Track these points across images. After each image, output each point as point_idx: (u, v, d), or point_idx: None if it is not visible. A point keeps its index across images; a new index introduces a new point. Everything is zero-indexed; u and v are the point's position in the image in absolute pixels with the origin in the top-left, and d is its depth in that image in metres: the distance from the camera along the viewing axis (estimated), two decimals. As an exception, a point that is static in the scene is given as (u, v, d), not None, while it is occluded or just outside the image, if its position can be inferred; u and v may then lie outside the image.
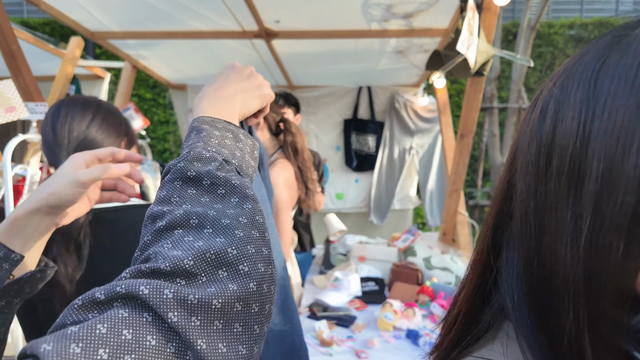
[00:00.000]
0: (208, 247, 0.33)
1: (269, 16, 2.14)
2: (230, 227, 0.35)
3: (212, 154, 0.43)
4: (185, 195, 0.39)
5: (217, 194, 0.39)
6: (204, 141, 0.44)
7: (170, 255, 0.33)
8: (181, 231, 0.36)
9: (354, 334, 1.69)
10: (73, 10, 2.11)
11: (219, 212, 0.37)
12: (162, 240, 0.35)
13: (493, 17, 1.71)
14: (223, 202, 0.38)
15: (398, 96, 3.32)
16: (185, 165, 0.41)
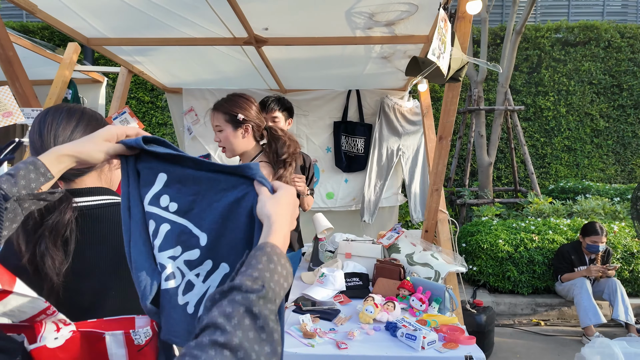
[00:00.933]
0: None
1: (257, 24, 2.24)
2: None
3: (272, 294, 0.55)
4: (242, 323, 0.50)
5: (260, 337, 0.51)
6: (270, 274, 0.56)
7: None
8: (229, 355, 0.47)
9: (337, 327, 1.79)
10: (69, 17, 2.19)
11: (257, 356, 0.49)
12: (213, 353, 0.47)
13: (467, 25, 1.81)
14: (260, 347, 0.50)
15: (387, 99, 3.43)
16: (254, 300, 0.52)
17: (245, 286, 0.53)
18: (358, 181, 3.55)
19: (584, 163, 6.63)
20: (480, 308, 3.08)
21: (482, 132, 5.28)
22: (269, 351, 0.50)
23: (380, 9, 2.07)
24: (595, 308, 3.20)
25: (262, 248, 0.59)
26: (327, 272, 2.21)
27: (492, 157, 5.32)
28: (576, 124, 6.60)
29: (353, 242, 2.52)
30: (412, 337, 1.62)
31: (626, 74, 6.57)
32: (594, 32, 6.51)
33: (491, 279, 3.89)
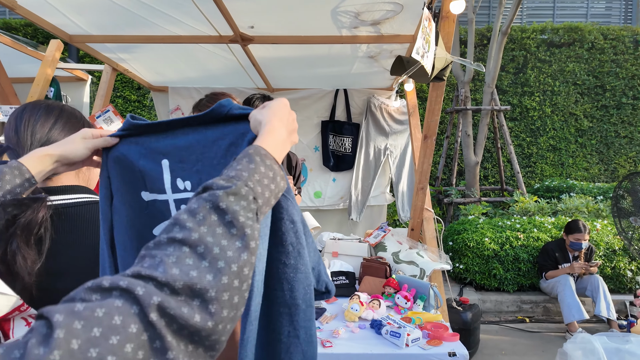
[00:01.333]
0: (197, 281, 0.43)
1: (243, 22, 2.23)
2: (221, 271, 0.45)
3: (247, 191, 0.52)
4: (207, 218, 0.48)
5: (229, 233, 0.48)
6: (249, 173, 0.54)
7: (169, 271, 0.43)
8: (188, 251, 0.45)
9: (322, 325, 1.79)
10: (50, 14, 2.15)
11: (221, 250, 0.46)
12: (171, 250, 0.45)
13: (451, 25, 1.83)
14: (229, 241, 0.48)
15: (374, 99, 3.45)
16: (221, 195, 0.50)
17: (216, 184, 0.51)
18: (346, 180, 3.56)
19: (569, 162, 6.75)
20: (466, 306, 3.11)
21: (469, 132, 5.34)
22: (240, 245, 0.48)
23: (365, 8, 2.08)
24: (578, 305, 3.26)
25: (246, 150, 0.58)
26: (313, 271, 2.22)
27: (478, 157, 5.38)
28: (561, 124, 6.71)
29: (340, 241, 2.53)
30: (397, 335, 1.63)
31: (609, 75, 6.70)
32: (578, 33, 6.63)
33: (477, 277, 3.94)
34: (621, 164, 6.81)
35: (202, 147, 0.72)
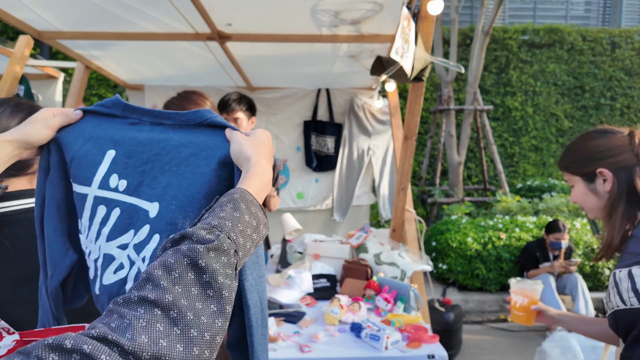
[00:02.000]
0: (166, 352, 0.39)
1: (220, 19, 2.17)
2: (192, 340, 0.41)
3: (229, 245, 0.48)
4: (184, 277, 0.44)
5: (205, 294, 0.44)
6: (233, 223, 0.50)
7: (137, 339, 0.39)
8: (159, 314, 0.41)
9: (301, 330, 1.75)
10: (16, 8, 2.06)
11: (195, 316, 0.42)
12: (141, 312, 0.41)
13: (430, 25, 1.81)
14: (204, 304, 0.44)
15: (357, 98, 3.42)
16: (202, 251, 0.45)
17: (197, 235, 0.47)
18: (329, 181, 3.53)
19: (550, 162, 6.86)
20: (449, 306, 3.11)
21: (452, 132, 5.37)
22: (215, 309, 0.44)
23: (344, 7, 2.04)
24: (557, 303, 3.30)
25: (231, 194, 0.53)
26: (293, 274, 2.17)
27: (462, 157, 5.42)
28: (542, 124, 6.81)
29: (321, 242, 2.49)
30: (376, 338, 1.60)
31: (588, 75, 6.83)
32: (558, 34, 6.74)
33: (460, 277, 3.95)
34: (600, 163, 6.94)
35: (160, 148, 0.66)
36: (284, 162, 3.47)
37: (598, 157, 1.04)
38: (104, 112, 0.71)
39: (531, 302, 1.27)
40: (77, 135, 0.70)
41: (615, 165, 1.01)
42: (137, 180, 0.67)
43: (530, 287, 1.29)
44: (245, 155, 0.59)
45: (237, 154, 0.60)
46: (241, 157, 0.59)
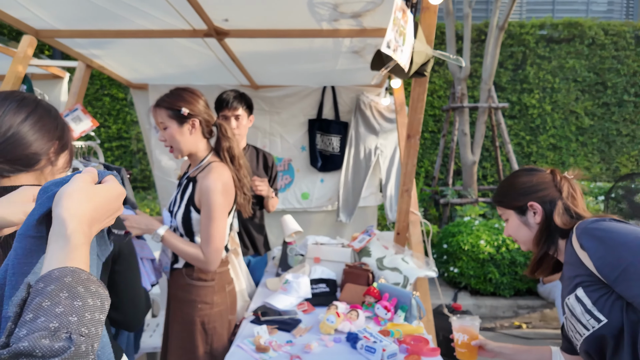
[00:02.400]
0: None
1: (216, 15, 2.10)
2: None
3: (86, 346, 0.40)
4: None
5: None
6: (79, 316, 0.41)
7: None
8: None
9: (295, 339, 1.67)
10: (11, 7, 2.03)
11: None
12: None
13: (432, 17, 1.70)
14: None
15: (363, 96, 3.31)
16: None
17: (41, 349, 0.36)
18: (334, 181, 3.43)
19: (570, 161, 6.60)
20: (458, 312, 2.98)
21: (466, 130, 5.20)
22: None
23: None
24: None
25: (58, 279, 0.42)
26: (291, 279, 2.09)
27: (476, 156, 5.24)
28: (561, 122, 6.55)
29: (322, 245, 2.41)
30: (372, 350, 1.51)
31: (610, 71, 6.53)
32: (578, 29, 6.46)
33: (472, 281, 3.80)
34: (623, 163, 6.65)
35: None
36: (288, 161, 3.40)
37: (527, 192, 1.18)
38: None
39: (471, 337, 1.39)
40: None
41: (542, 199, 1.15)
42: None
43: (469, 323, 1.40)
44: (57, 214, 0.48)
45: (53, 212, 0.49)
46: (55, 217, 0.48)
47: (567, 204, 1.14)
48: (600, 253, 0.98)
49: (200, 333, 1.63)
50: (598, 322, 0.98)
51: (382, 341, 1.55)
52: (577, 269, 1.04)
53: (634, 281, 0.91)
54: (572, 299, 1.05)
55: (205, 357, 1.65)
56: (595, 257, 0.98)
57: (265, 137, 3.34)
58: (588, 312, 1.00)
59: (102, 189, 0.53)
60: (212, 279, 1.66)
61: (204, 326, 1.64)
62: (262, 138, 3.34)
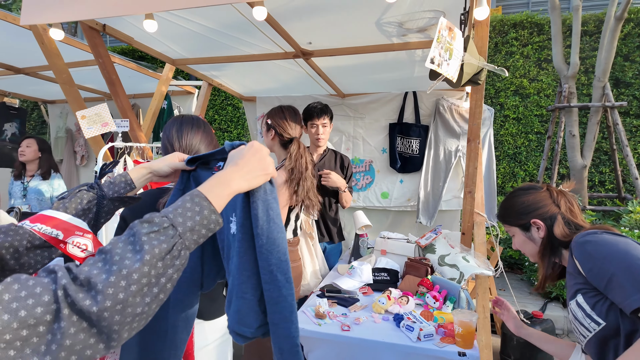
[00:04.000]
0: (93, 276, 0.58)
1: (301, 40, 2.51)
2: (111, 272, 0.59)
3: (161, 220, 0.66)
4: (124, 238, 0.64)
5: (132, 248, 0.62)
6: (173, 208, 0.69)
7: (82, 268, 0.59)
8: (102, 257, 0.61)
9: (349, 313, 1.97)
10: (156, 44, 2.74)
11: (120, 258, 0.61)
12: (96, 256, 0.62)
13: (484, 29, 1.83)
14: (129, 253, 0.62)
15: (443, 100, 3.41)
16: (137, 223, 0.65)
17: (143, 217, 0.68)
18: (413, 182, 3.59)
19: None
20: (536, 320, 2.90)
21: (574, 132, 4.76)
22: (137, 257, 0.61)
23: (407, 17, 2.17)
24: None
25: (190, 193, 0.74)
26: (356, 265, 2.39)
27: (586, 160, 4.76)
28: None
29: (389, 240, 2.64)
30: (410, 328, 1.73)
31: None
32: None
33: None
34: None
35: None
36: (369, 163, 3.67)
37: (528, 211, 1.27)
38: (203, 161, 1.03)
39: (465, 330, 1.60)
40: (194, 176, 1.05)
41: (543, 216, 1.24)
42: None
43: (468, 318, 1.60)
44: (230, 160, 0.84)
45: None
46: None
47: (566, 217, 1.22)
48: (588, 265, 1.06)
49: None
50: (598, 325, 1.05)
51: (422, 322, 1.76)
52: (576, 277, 1.12)
53: (618, 290, 0.99)
54: (573, 305, 1.12)
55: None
56: (585, 269, 1.07)
57: (349, 140, 3.68)
58: (588, 317, 1.07)
59: (253, 154, 0.84)
60: None
61: None
62: (346, 141, 3.68)
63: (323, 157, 2.78)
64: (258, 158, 0.83)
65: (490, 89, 5.80)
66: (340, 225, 2.82)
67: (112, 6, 1.71)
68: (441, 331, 1.75)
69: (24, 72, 3.45)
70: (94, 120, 2.21)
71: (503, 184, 5.85)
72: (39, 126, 7.52)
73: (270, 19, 2.17)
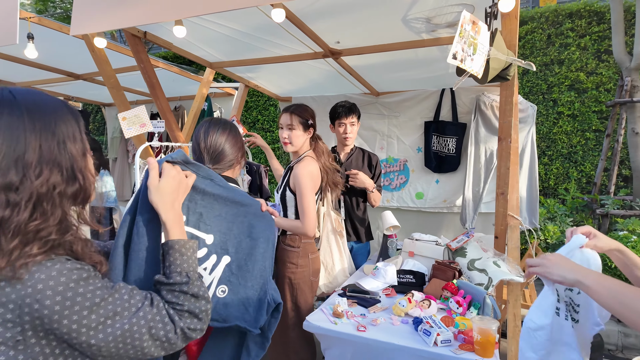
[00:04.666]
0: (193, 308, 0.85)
1: (329, 39, 2.52)
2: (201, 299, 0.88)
3: (193, 274, 0.88)
4: (185, 298, 0.86)
5: (194, 297, 0.87)
6: (187, 267, 0.88)
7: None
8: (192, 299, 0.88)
9: (368, 314, 1.95)
10: (194, 49, 2.87)
11: (190, 306, 0.85)
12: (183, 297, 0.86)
13: (513, 22, 1.73)
14: (189, 301, 0.85)
15: (484, 97, 3.26)
16: (185, 287, 0.86)
17: (174, 280, 0.86)
18: (450, 183, 3.46)
19: None
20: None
21: (638, 129, 4.33)
22: (194, 296, 0.86)
23: (434, 13, 2.11)
24: None
25: (172, 247, 0.89)
26: (380, 266, 2.37)
27: (653, 159, 4.31)
28: None
29: (417, 241, 2.58)
30: (427, 333, 1.68)
31: None
32: None
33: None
34: None
35: (213, 200, 1.10)
36: (404, 162, 3.60)
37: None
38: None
39: (484, 337, 1.53)
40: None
41: None
42: (196, 218, 1.05)
43: (487, 325, 1.54)
44: (153, 203, 0.94)
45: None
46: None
47: None
48: None
49: (289, 286, 2.12)
50: None
51: (440, 328, 1.70)
52: None
53: None
54: None
55: (292, 307, 2.12)
56: None
57: (383, 139, 3.62)
58: None
59: (163, 180, 0.94)
60: (298, 246, 2.12)
61: (290, 281, 2.11)
62: (380, 140, 3.63)
63: (350, 156, 2.77)
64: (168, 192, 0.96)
65: (542, 84, 5.44)
66: (368, 225, 2.80)
67: (144, 14, 1.82)
68: (461, 337, 1.68)
69: (82, 78, 3.77)
70: (133, 122, 2.38)
71: (556, 186, 5.47)
72: (102, 127, 8.18)
73: (296, 19, 2.21)
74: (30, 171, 0.68)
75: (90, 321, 0.68)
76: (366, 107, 3.58)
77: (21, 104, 0.71)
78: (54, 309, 0.65)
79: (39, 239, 0.68)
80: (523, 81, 5.55)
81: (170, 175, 0.93)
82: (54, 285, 0.66)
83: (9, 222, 0.66)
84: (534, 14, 5.55)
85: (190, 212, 1.04)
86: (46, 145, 0.71)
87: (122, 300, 0.73)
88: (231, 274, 1.09)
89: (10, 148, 0.68)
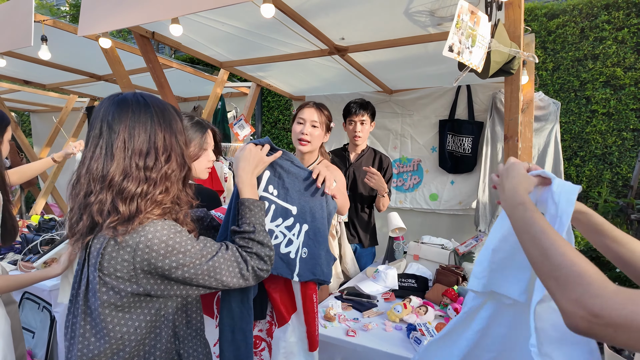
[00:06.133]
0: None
1: (333, 35, 2.47)
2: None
3: (260, 227, 1.08)
4: (253, 244, 1.07)
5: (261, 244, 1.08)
6: (254, 220, 1.08)
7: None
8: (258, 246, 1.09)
9: (362, 318, 1.88)
10: (203, 48, 2.90)
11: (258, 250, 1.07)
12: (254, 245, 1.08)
13: (517, 11, 1.62)
14: (257, 247, 1.07)
15: (500, 94, 3.09)
16: (253, 237, 1.06)
17: (244, 229, 1.08)
18: (466, 184, 3.31)
19: None
20: (604, 347, 2.48)
21: (680, 128, 3.97)
22: (260, 243, 1.06)
23: (437, 5, 2.01)
24: None
25: (243, 203, 1.10)
26: (381, 270, 2.29)
27: (697, 162, 3.94)
28: None
29: (422, 244, 2.48)
30: (418, 341, 1.60)
31: None
32: None
33: None
34: None
35: (293, 178, 1.35)
36: (417, 162, 3.48)
37: None
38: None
39: None
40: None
41: None
42: (283, 192, 1.29)
43: None
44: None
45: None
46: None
47: None
48: None
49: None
50: None
51: (432, 336, 1.61)
52: None
53: None
54: None
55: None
56: None
57: (396, 138, 3.52)
58: None
59: (241, 153, 1.19)
60: None
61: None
62: (393, 139, 3.52)
63: (361, 156, 2.65)
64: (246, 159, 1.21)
65: (574, 81, 5.12)
66: (373, 230, 2.70)
67: (145, 14, 1.84)
68: (454, 348, 1.58)
69: (103, 79, 3.90)
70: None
71: (588, 189, 5.13)
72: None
73: (296, 15, 2.17)
74: (160, 157, 0.93)
75: (184, 261, 0.90)
76: (379, 105, 3.49)
77: (150, 106, 0.94)
78: (159, 252, 0.88)
79: (160, 206, 0.93)
80: (553, 78, 5.25)
81: (247, 149, 1.18)
82: (159, 235, 0.89)
83: (148, 194, 0.90)
84: (566, 6, 5.24)
85: (280, 187, 1.29)
86: (168, 137, 0.94)
87: (205, 247, 0.96)
88: (309, 239, 1.35)
89: (149, 138, 0.92)
